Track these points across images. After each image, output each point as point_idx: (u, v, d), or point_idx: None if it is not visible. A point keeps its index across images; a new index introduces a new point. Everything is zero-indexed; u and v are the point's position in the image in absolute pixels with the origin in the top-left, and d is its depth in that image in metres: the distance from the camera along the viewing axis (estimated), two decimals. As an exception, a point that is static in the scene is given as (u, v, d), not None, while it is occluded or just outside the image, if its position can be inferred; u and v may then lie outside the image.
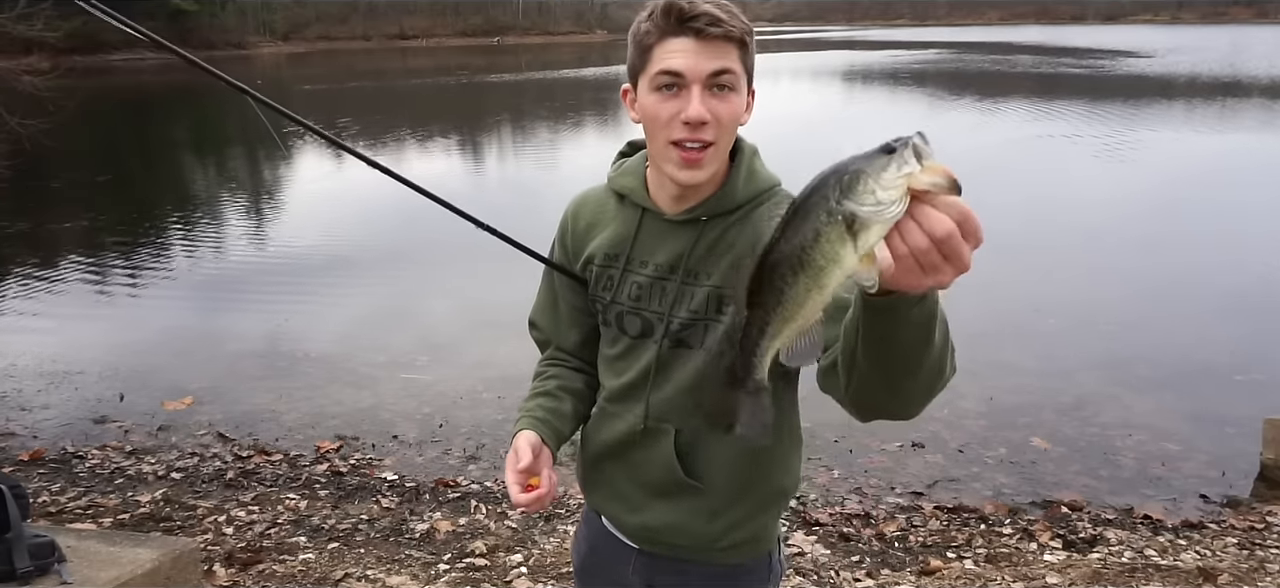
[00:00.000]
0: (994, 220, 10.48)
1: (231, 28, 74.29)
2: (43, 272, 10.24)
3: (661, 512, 1.58)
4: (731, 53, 1.37)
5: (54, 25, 16.22)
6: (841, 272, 0.94)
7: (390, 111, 27.39)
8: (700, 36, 1.34)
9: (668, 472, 1.54)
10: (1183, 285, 8.29)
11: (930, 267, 0.92)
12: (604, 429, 1.63)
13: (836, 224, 0.91)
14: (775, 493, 1.58)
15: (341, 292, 8.65)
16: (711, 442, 1.52)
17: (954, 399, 5.79)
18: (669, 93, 1.37)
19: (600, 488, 1.68)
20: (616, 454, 1.61)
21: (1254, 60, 38.16)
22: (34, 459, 5.27)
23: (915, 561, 3.95)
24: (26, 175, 14.62)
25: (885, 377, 1.17)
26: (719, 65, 1.35)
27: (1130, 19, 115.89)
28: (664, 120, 1.38)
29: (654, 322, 1.51)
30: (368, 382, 6.35)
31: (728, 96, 1.38)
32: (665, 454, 1.54)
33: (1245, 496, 4.65)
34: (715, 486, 1.53)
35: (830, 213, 0.91)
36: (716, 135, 1.38)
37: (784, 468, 1.59)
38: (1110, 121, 19.90)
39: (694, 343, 1.49)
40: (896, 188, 0.89)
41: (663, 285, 1.50)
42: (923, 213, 0.90)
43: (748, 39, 1.39)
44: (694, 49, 1.35)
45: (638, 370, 1.55)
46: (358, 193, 14.42)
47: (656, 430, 1.54)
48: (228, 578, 3.80)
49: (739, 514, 1.55)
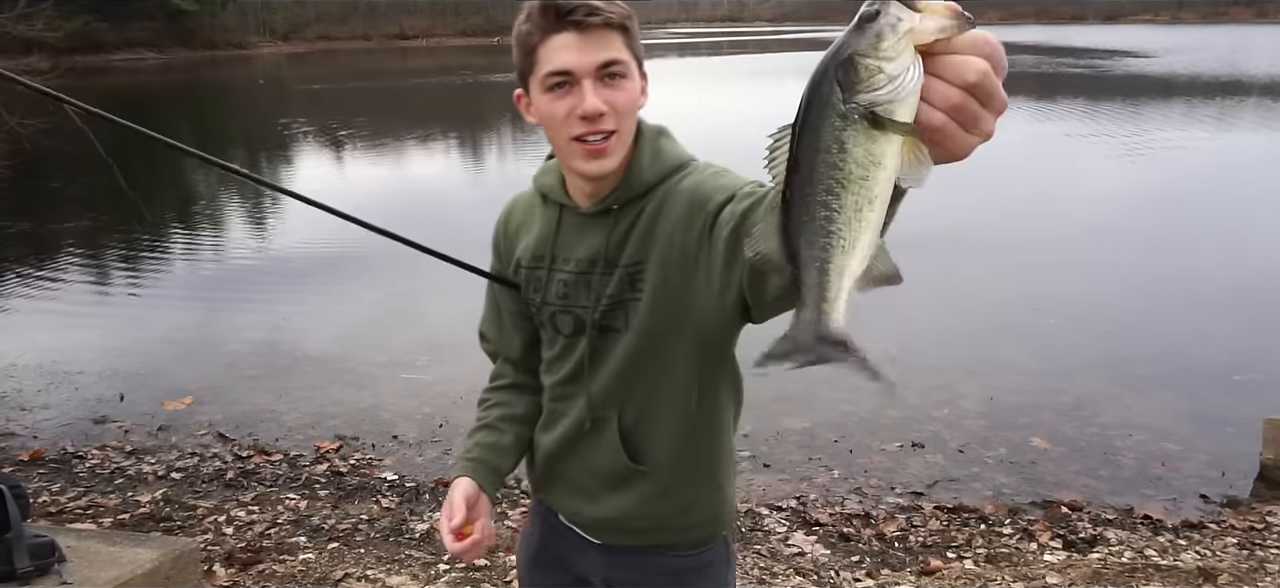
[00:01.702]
0: (994, 220, 10.49)
1: (232, 28, 74.28)
2: (43, 272, 10.24)
3: (616, 501, 1.59)
4: (615, 40, 1.37)
5: (54, 25, 16.23)
6: (888, 174, 0.80)
7: (391, 111, 27.38)
8: (581, 29, 1.34)
9: (615, 460, 1.56)
10: (1183, 285, 8.29)
11: (971, 119, 0.79)
12: (554, 427, 1.65)
13: (858, 125, 0.78)
14: (724, 464, 1.60)
15: (341, 292, 8.64)
16: (652, 423, 1.54)
17: (954, 399, 5.80)
18: (561, 91, 1.37)
19: (557, 485, 1.69)
20: (568, 450, 1.63)
21: (1254, 60, 38.15)
22: (34, 459, 5.27)
23: (915, 561, 3.95)
24: (26, 175, 14.61)
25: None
26: (606, 56, 1.36)
27: (1130, 19, 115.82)
28: (561, 118, 1.38)
29: (584, 316, 1.52)
30: (368, 382, 6.35)
31: (620, 84, 1.38)
32: (611, 442, 1.55)
33: (1245, 496, 4.64)
34: (660, 466, 1.55)
35: (844, 116, 0.78)
36: (617, 124, 1.39)
37: (726, 438, 1.60)
38: (1110, 120, 19.90)
39: (618, 326, 1.49)
40: (904, 53, 0.76)
41: (587, 280, 1.51)
42: (945, 64, 0.78)
43: (629, 23, 1.39)
44: (578, 43, 1.34)
45: (573, 365, 1.57)
46: (358, 193, 14.42)
47: (601, 420, 1.55)
48: (228, 578, 3.80)
49: (690, 492, 1.57)
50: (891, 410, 5.65)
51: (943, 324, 7.26)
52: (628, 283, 1.47)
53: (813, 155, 0.80)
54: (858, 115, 0.77)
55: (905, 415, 5.56)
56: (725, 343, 1.51)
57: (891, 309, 7.71)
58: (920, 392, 5.90)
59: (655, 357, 1.48)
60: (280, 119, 26.36)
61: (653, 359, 1.48)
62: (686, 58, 56.77)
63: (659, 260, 1.42)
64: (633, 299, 1.47)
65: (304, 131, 23.33)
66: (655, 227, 1.43)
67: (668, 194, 1.43)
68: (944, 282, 8.34)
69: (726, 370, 1.56)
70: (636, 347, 1.49)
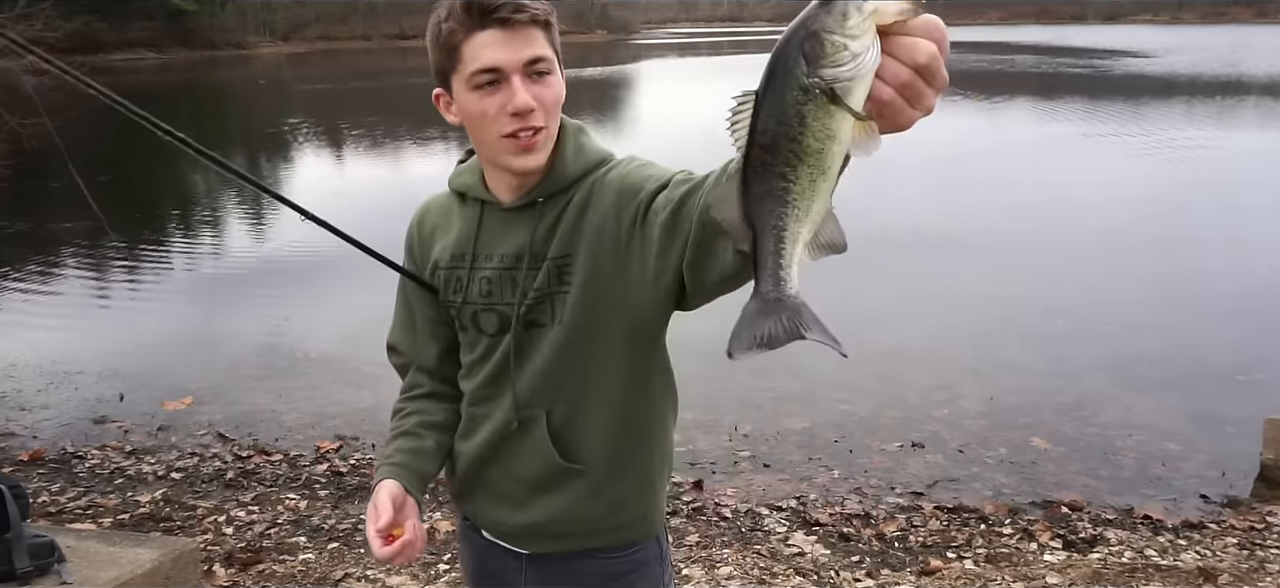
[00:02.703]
0: (995, 221, 10.47)
1: (231, 28, 74.22)
2: (43, 272, 10.24)
3: (546, 504, 1.54)
4: (540, 37, 1.37)
5: (54, 25, 16.21)
6: (841, 147, 0.85)
7: (391, 112, 27.37)
8: (507, 26, 1.34)
9: (545, 460, 1.51)
10: (1183, 285, 8.29)
11: (916, 95, 0.85)
12: (475, 433, 1.59)
13: (818, 99, 0.82)
14: (657, 460, 1.56)
15: (341, 292, 8.63)
16: (584, 419, 1.50)
17: (954, 399, 5.79)
18: (490, 89, 1.36)
19: (479, 494, 1.63)
20: (492, 455, 1.58)
21: (1254, 60, 38.16)
22: (34, 459, 5.27)
23: (915, 561, 3.95)
24: (26, 175, 14.61)
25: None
26: (532, 53, 1.36)
27: (1130, 19, 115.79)
28: (491, 116, 1.37)
29: (507, 313, 1.49)
30: (368, 382, 6.35)
31: (547, 80, 1.39)
32: (540, 442, 1.51)
33: (1245, 496, 4.64)
34: (594, 463, 1.51)
35: (806, 89, 0.82)
36: (545, 119, 1.39)
37: (661, 431, 1.57)
38: (1111, 120, 19.90)
39: (544, 320, 1.47)
40: (868, 31, 0.81)
41: (512, 276, 1.48)
42: (899, 45, 0.83)
43: (551, 20, 1.40)
44: (504, 39, 1.35)
45: (496, 363, 1.52)
46: (358, 192, 14.42)
47: (528, 420, 1.51)
48: (228, 578, 3.80)
49: (623, 489, 1.53)
50: (891, 410, 5.65)
51: (943, 324, 7.26)
52: (555, 276, 1.45)
53: (774, 126, 0.85)
54: (819, 90, 0.82)
55: (905, 415, 5.57)
56: (656, 332, 1.49)
57: (891, 310, 7.72)
58: (920, 392, 5.90)
59: (585, 350, 1.45)
60: (289, 119, 26.35)
61: (583, 353, 1.46)
62: (686, 58, 56.79)
63: (588, 252, 1.41)
64: (560, 292, 1.45)
65: (316, 131, 23.34)
66: (583, 219, 1.42)
67: (595, 186, 1.44)
68: (944, 282, 8.35)
69: (658, 360, 1.54)
70: (565, 340, 1.46)
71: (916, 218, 10.94)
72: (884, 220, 10.68)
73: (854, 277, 8.42)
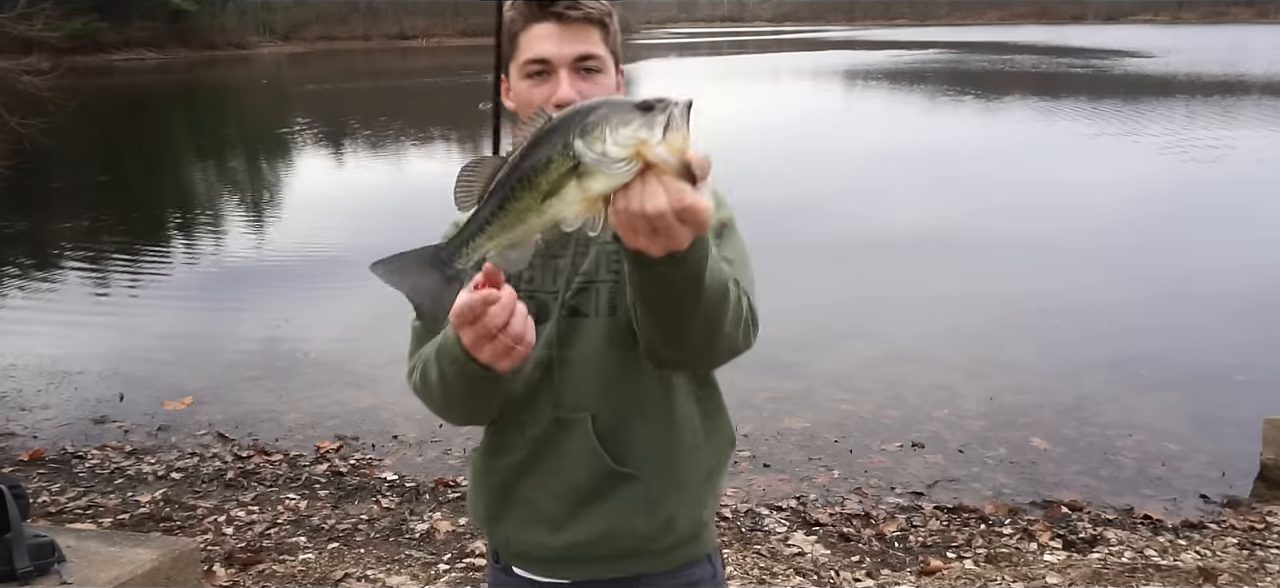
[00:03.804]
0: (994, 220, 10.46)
1: (231, 28, 74.27)
2: (43, 272, 10.24)
3: (592, 520, 1.41)
4: (593, 35, 1.39)
5: (54, 25, 16.22)
6: (562, 205, 0.96)
7: (392, 112, 27.37)
8: (562, 20, 1.37)
9: (592, 466, 1.40)
10: (1183, 285, 8.29)
11: (642, 231, 0.96)
12: (507, 445, 1.47)
13: (566, 159, 0.93)
14: (708, 471, 1.48)
15: (341, 292, 8.64)
16: (633, 424, 1.41)
17: (954, 399, 5.80)
18: (538, 79, 1.39)
19: (512, 516, 1.48)
20: (528, 465, 1.45)
21: (1254, 60, 38.16)
22: (34, 459, 5.27)
23: (915, 561, 3.95)
24: (26, 175, 14.62)
25: (655, 325, 1.21)
26: (583, 49, 1.38)
27: (1130, 19, 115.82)
28: (536, 105, 1.35)
29: (548, 302, 1.42)
30: (368, 382, 6.35)
31: (595, 78, 1.40)
32: (586, 447, 1.40)
33: (1245, 496, 4.64)
34: (646, 469, 1.41)
35: (565, 146, 0.93)
36: None
37: (713, 443, 1.49)
38: (1111, 121, 19.90)
39: (588, 310, 1.41)
40: (627, 149, 0.91)
41: (555, 263, 1.44)
42: (645, 184, 0.93)
43: (608, 20, 1.42)
44: (557, 33, 1.37)
45: (539, 356, 1.41)
46: (358, 192, 14.42)
47: (570, 422, 1.41)
48: (228, 578, 3.80)
49: (677, 503, 1.43)
50: (891, 410, 5.65)
51: (943, 324, 7.26)
52: (604, 263, 1.40)
53: (536, 153, 0.97)
54: (571, 154, 0.93)
55: (905, 415, 5.57)
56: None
57: (892, 310, 7.72)
58: (920, 392, 5.90)
59: (632, 346, 1.36)
60: (297, 119, 26.35)
61: (630, 349, 1.37)
62: (686, 58, 56.81)
63: None
64: (607, 281, 1.40)
65: (327, 132, 23.34)
66: None
67: None
68: (944, 282, 8.35)
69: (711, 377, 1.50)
70: (610, 334, 1.39)
71: (917, 218, 10.94)
72: (884, 221, 10.70)
73: (855, 277, 8.44)
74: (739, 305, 1.24)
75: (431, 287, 1.10)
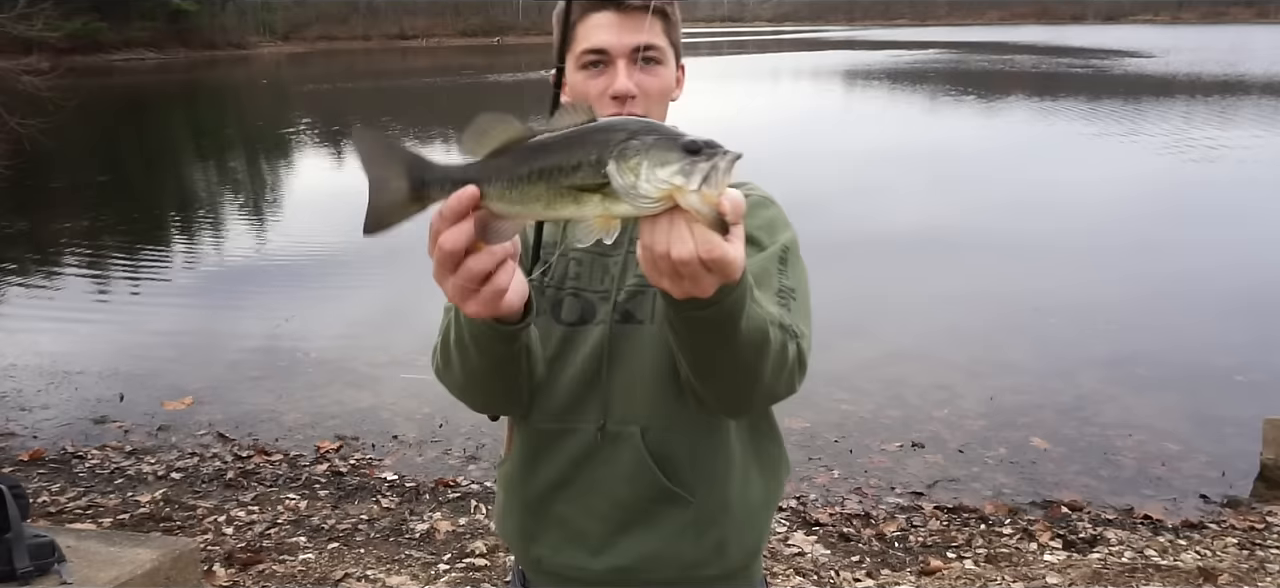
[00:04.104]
0: (994, 220, 10.46)
1: (231, 28, 74.26)
2: (43, 272, 10.24)
3: (636, 542, 1.32)
4: (655, 26, 1.34)
5: (54, 25, 16.22)
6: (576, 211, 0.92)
7: (392, 112, 27.37)
8: (621, 9, 1.32)
9: (641, 484, 1.30)
10: (1183, 285, 8.29)
11: (665, 273, 0.91)
12: (546, 456, 1.36)
13: (595, 172, 0.89)
14: (762, 498, 1.40)
15: (341, 292, 8.64)
16: (687, 439, 1.31)
17: (954, 399, 5.80)
18: (596, 70, 1.34)
19: (547, 535, 1.38)
20: (566, 482, 1.34)
21: (1254, 60, 38.16)
22: (34, 459, 5.27)
23: (915, 561, 3.95)
24: (26, 175, 14.62)
25: (685, 364, 1.15)
26: (642, 39, 1.33)
27: (1130, 19, 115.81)
28: (593, 97, 1.33)
29: (594, 302, 1.33)
30: (368, 382, 6.35)
31: (655, 70, 1.35)
32: (635, 462, 1.30)
33: (1245, 496, 4.64)
34: (698, 491, 1.32)
35: (598, 160, 0.89)
36: (646, 108, 1.33)
37: (767, 466, 1.41)
38: (1111, 120, 19.90)
39: (642, 316, 1.31)
40: (659, 188, 0.87)
41: (604, 262, 1.35)
42: (675, 227, 0.88)
43: (670, 10, 1.37)
44: (616, 23, 1.32)
45: (585, 361, 1.32)
46: (357, 193, 14.39)
47: (619, 435, 1.31)
48: (228, 578, 3.80)
49: (729, 528, 1.34)
50: (891, 410, 5.65)
51: (943, 324, 7.26)
52: None
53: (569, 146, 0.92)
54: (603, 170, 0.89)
55: (905, 415, 5.57)
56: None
57: (892, 310, 7.72)
58: (920, 392, 5.90)
59: None
60: (302, 119, 26.33)
61: None
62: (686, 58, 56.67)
63: None
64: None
65: (331, 132, 23.33)
66: None
67: None
68: (944, 282, 8.35)
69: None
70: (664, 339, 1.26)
71: (917, 218, 10.93)
72: (884, 220, 10.70)
73: (854, 276, 8.43)
74: (783, 352, 1.15)
75: (395, 189, 1.00)
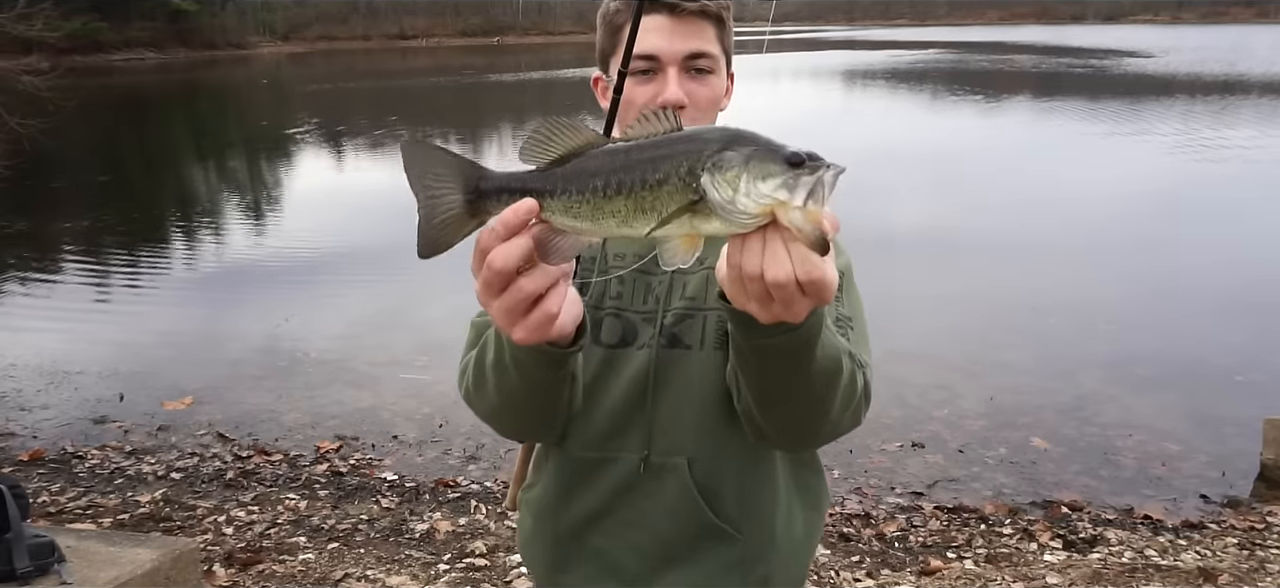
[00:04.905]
0: (994, 220, 10.45)
1: (231, 28, 74.28)
2: (43, 272, 10.24)
3: (678, 578, 1.24)
4: (708, 32, 1.26)
5: (54, 25, 16.22)
6: (663, 230, 0.83)
7: (392, 112, 27.36)
8: (675, 13, 1.24)
9: (685, 519, 1.23)
10: (1183, 285, 8.28)
11: (755, 296, 0.84)
12: (584, 485, 1.27)
13: (685, 188, 0.80)
14: (805, 532, 1.32)
15: (341, 292, 8.64)
16: (734, 472, 1.24)
17: (954, 399, 5.79)
18: (645, 78, 1.26)
19: (580, 570, 1.30)
20: (605, 513, 1.26)
21: (1254, 60, 38.15)
22: (34, 459, 5.27)
23: (915, 561, 3.95)
24: (26, 175, 14.62)
25: (754, 397, 1.06)
26: (695, 46, 1.25)
27: (1130, 19, 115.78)
28: (640, 106, 1.25)
29: (636, 323, 1.25)
30: (368, 382, 6.35)
31: (706, 79, 1.28)
32: (680, 495, 1.23)
33: (1245, 496, 4.64)
34: (745, 527, 1.25)
35: (690, 173, 0.80)
36: (695, 119, 1.25)
37: (809, 499, 1.34)
38: (1111, 120, 19.90)
39: (691, 340, 1.22)
40: (760, 204, 0.79)
41: (647, 281, 1.27)
42: (772, 246, 0.81)
43: (725, 16, 1.29)
44: (669, 28, 1.24)
45: (628, 386, 1.23)
46: (358, 192, 14.42)
47: (663, 467, 1.23)
48: (227, 578, 3.80)
49: (775, 564, 1.27)
50: (892, 410, 5.65)
51: (943, 324, 7.26)
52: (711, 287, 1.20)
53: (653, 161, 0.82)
54: (693, 184, 0.80)
55: (905, 415, 5.57)
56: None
57: (892, 310, 7.71)
58: (920, 392, 5.90)
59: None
60: (309, 120, 26.31)
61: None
62: (686, 58, 56.66)
63: None
64: (716, 309, 1.20)
65: (338, 133, 23.32)
66: None
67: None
68: (944, 281, 8.35)
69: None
70: (718, 370, 1.20)
71: (916, 218, 10.94)
72: (884, 220, 10.69)
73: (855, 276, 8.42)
74: (852, 383, 1.08)
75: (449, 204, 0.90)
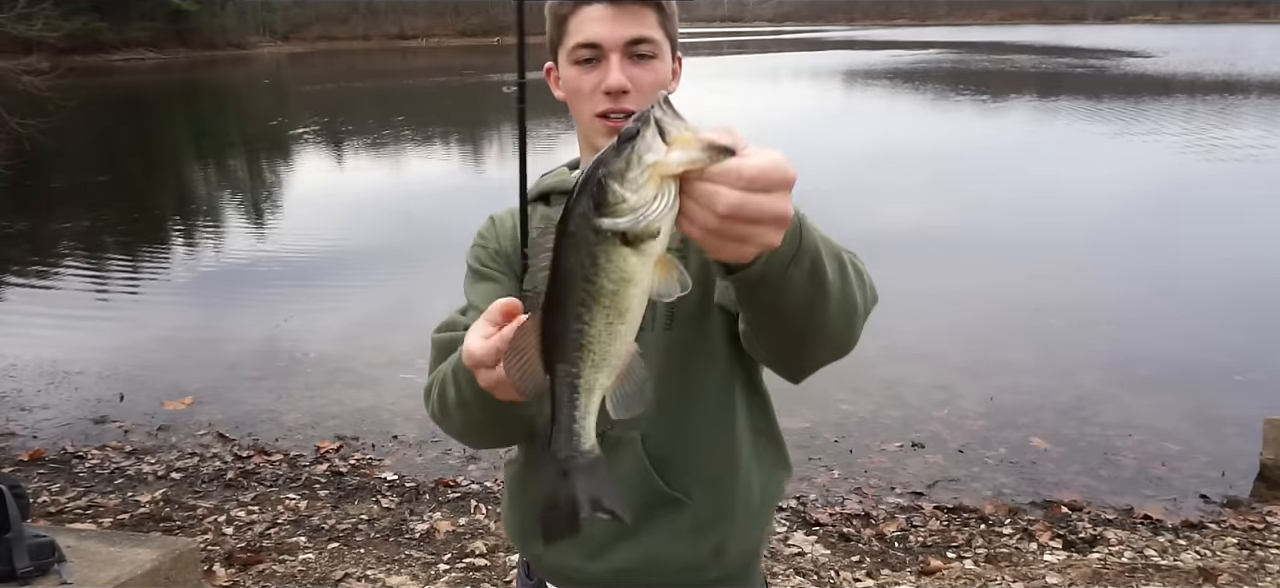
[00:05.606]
0: (995, 219, 10.45)
1: (231, 28, 74.34)
2: (43, 272, 10.24)
3: (634, 545, 1.35)
4: (649, 18, 1.29)
5: (54, 25, 16.23)
6: (639, 290, 0.80)
7: (392, 111, 27.37)
8: (615, 1, 1.27)
9: (640, 489, 1.32)
10: (1183, 285, 8.28)
11: (739, 237, 0.80)
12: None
13: (611, 242, 0.78)
14: (761, 499, 1.40)
15: (341, 292, 8.64)
16: (685, 443, 1.34)
17: (954, 399, 5.80)
18: (588, 66, 1.30)
19: None
20: None
21: (1254, 60, 38.16)
22: (34, 459, 5.27)
23: (915, 561, 3.95)
24: (26, 175, 14.63)
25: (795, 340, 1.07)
26: (636, 33, 1.28)
27: (1130, 19, 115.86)
28: (586, 93, 1.30)
29: None
30: (368, 382, 6.35)
31: (649, 64, 1.31)
32: (634, 468, 1.32)
33: (1245, 496, 4.64)
34: (696, 495, 1.34)
35: (598, 231, 0.77)
36: (640, 103, 1.26)
37: (766, 466, 1.41)
38: (1111, 121, 19.90)
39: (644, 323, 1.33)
40: (647, 184, 0.76)
41: None
42: (697, 192, 0.78)
43: (665, 2, 1.32)
44: (609, 16, 1.27)
45: None
46: (358, 193, 14.41)
47: (619, 441, 1.31)
48: (228, 578, 3.80)
49: (726, 531, 1.36)
50: (891, 410, 5.65)
51: (943, 324, 7.26)
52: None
53: (569, 266, 0.80)
54: (610, 233, 0.77)
55: (905, 415, 5.57)
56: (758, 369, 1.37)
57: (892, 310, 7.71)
58: (920, 392, 5.90)
59: (690, 361, 1.31)
60: (298, 119, 26.32)
61: (687, 365, 1.31)
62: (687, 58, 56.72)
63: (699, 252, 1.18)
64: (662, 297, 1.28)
65: (325, 131, 23.33)
66: None
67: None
68: (944, 281, 8.34)
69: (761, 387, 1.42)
70: (668, 347, 1.30)
71: (916, 217, 10.93)
72: (884, 219, 10.69)
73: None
74: (853, 265, 1.12)
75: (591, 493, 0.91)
